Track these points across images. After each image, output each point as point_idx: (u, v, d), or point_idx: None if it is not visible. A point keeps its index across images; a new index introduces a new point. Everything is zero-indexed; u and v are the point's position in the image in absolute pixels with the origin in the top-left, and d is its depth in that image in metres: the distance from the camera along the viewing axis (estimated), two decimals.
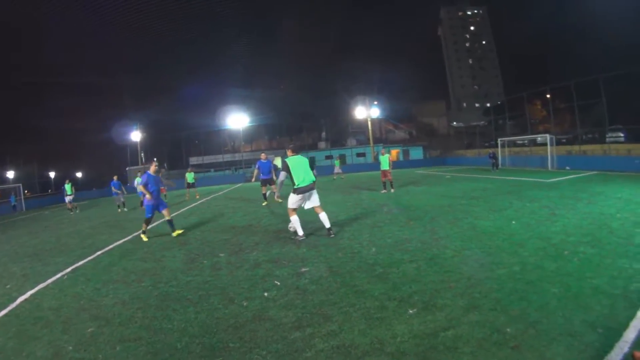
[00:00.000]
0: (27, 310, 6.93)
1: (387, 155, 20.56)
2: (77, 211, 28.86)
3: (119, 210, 24.94)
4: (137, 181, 20.61)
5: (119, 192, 25.09)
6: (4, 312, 6.99)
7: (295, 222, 10.28)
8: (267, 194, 19.31)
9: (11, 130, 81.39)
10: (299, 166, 10.06)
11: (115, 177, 26.17)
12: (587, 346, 3.80)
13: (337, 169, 38.33)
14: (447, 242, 8.26)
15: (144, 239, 12.35)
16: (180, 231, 12.85)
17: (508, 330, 4.24)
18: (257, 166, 18.77)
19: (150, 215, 12.50)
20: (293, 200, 10.25)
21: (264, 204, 18.79)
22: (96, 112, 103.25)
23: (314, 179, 10.28)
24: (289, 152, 10.73)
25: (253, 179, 19.49)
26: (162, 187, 15.56)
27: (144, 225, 12.63)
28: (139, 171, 21.94)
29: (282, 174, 10.87)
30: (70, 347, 5.10)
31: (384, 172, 20.45)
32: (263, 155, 18.94)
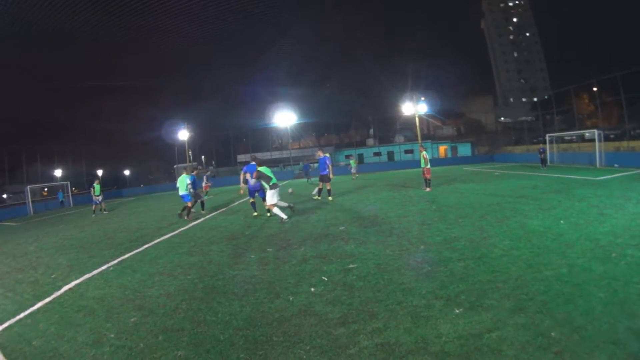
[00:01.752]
0: (71, 299, 7.21)
1: (422, 153, 20.50)
2: (105, 212, 26.75)
3: (187, 215, 17.65)
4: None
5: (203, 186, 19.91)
6: (48, 299, 7.31)
7: (277, 211, 13.44)
8: (319, 190, 19.62)
9: (60, 131, 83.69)
10: (269, 172, 13.68)
11: (195, 172, 20.28)
12: (629, 356, 3.70)
13: (352, 169, 38.19)
14: (495, 241, 8.14)
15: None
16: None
17: (552, 334, 4.16)
18: (327, 162, 18.49)
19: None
20: (271, 195, 13.51)
21: (329, 198, 19.06)
22: (145, 113, 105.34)
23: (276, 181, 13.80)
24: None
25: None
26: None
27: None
28: (191, 169, 19.91)
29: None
30: (112, 335, 5.29)
31: (422, 170, 20.37)
32: (320, 152, 19.02)
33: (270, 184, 13.56)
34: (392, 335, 4.48)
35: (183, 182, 17.55)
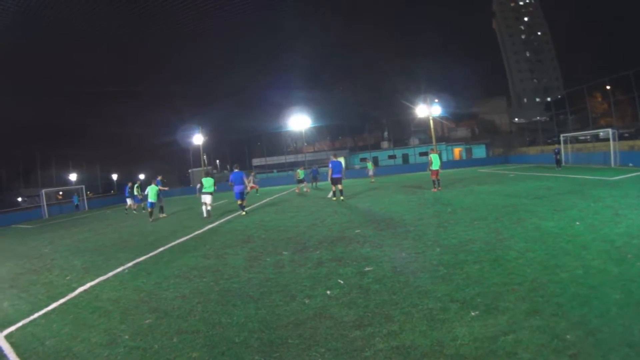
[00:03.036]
0: (85, 300, 7.28)
1: (429, 156, 21.90)
2: (143, 211, 27.74)
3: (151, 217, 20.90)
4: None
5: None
6: (62, 300, 7.41)
7: (204, 209, 18.83)
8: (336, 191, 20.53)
9: (75, 136, 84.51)
10: (207, 182, 18.81)
11: (160, 177, 25.10)
12: None
13: (370, 172, 38.03)
14: (511, 243, 8.09)
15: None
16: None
17: (568, 337, 4.12)
18: (330, 166, 20.11)
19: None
20: (203, 198, 18.75)
21: (334, 199, 20.52)
22: (159, 117, 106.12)
23: (212, 190, 18.98)
24: (205, 172, 20.84)
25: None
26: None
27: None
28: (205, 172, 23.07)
29: (199, 186, 18.62)
30: (127, 336, 5.32)
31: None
32: (334, 156, 21.00)
33: (203, 190, 18.97)
34: (407, 338, 4.46)
35: (153, 191, 20.91)
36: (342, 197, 20.40)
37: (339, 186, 20.37)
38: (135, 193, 28.74)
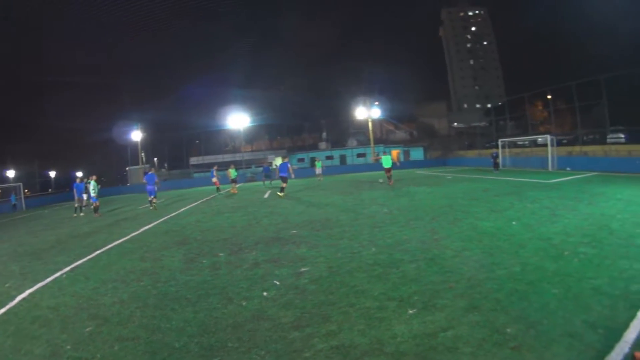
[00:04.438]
0: (25, 309, 6.93)
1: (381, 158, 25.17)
2: (84, 213, 24.90)
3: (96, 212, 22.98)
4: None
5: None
6: (2, 310, 7.00)
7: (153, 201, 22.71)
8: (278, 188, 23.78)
9: (12, 130, 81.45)
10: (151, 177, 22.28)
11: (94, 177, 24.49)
12: (587, 347, 3.79)
13: (318, 171, 38.22)
14: (447, 243, 8.24)
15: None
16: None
17: (508, 330, 4.23)
18: (277, 166, 24.92)
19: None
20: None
21: (280, 194, 22.37)
22: (97, 112, 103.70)
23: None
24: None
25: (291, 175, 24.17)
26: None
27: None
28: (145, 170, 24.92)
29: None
30: (69, 347, 5.10)
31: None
32: (282, 158, 25.11)
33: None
34: (346, 337, 4.48)
35: (95, 188, 23.40)
36: (280, 193, 22.61)
37: (283, 184, 23.20)
38: (91, 190, 25.22)
